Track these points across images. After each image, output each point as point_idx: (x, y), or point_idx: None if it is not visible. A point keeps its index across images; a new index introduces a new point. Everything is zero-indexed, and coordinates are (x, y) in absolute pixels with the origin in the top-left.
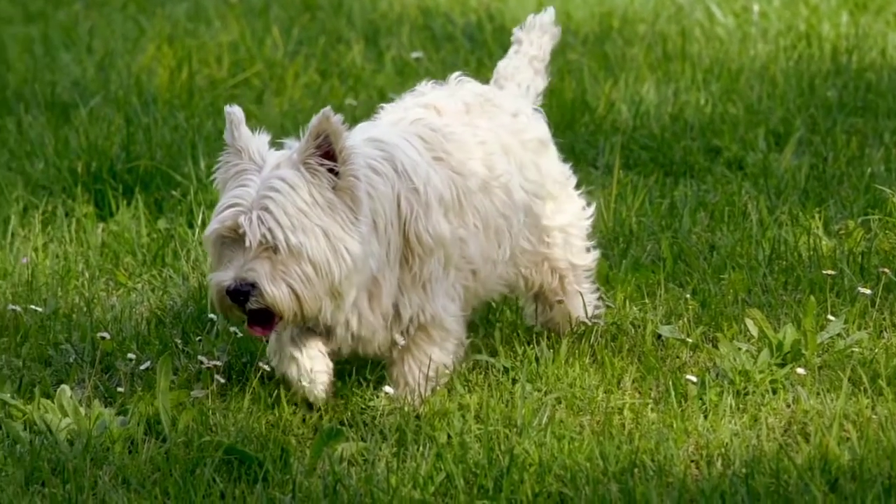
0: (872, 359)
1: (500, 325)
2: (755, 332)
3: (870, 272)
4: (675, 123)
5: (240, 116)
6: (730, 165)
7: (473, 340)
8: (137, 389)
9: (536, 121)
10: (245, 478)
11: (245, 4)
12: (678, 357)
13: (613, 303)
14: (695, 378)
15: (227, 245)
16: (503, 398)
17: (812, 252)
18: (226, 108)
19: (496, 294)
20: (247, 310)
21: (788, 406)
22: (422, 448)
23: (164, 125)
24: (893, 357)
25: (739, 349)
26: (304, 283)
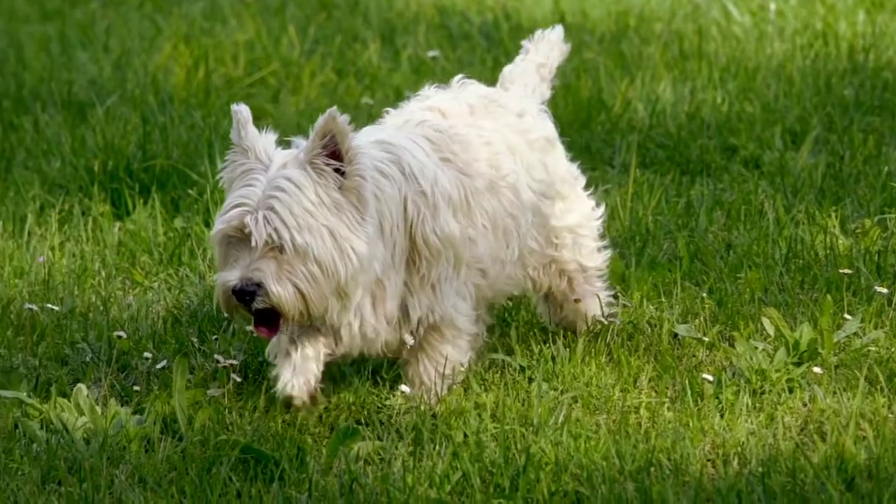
0: (889, 358)
1: (516, 324)
2: (772, 331)
3: (886, 271)
4: (692, 122)
5: (246, 115)
6: (746, 164)
7: (490, 339)
8: (154, 388)
9: (543, 120)
10: (261, 477)
11: (261, 3)
12: (694, 356)
13: (630, 301)
14: (711, 377)
15: (233, 245)
16: (519, 397)
17: (829, 251)
18: (232, 107)
19: (505, 295)
20: (252, 310)
21: (805, 405)
22: (438, 447)
23: (181, 124)
24: None
25: (756, 348)
26: (310, 283)
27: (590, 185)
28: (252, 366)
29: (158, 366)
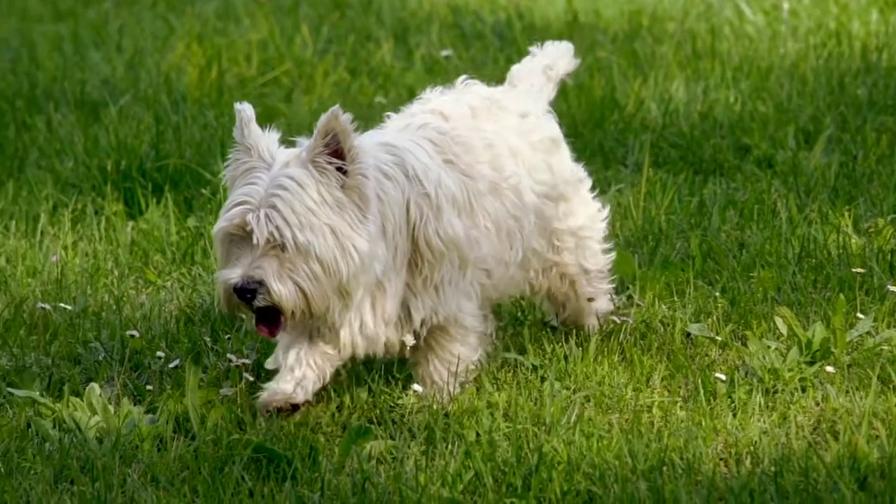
0: None
1: (529, 324)
2: (784, 331)
3: None
4: (705, 121)
5: (249, 114)
6: (759, 163)
7: (502, 338)
8: (166, 387)
9: (547, 121)
10: (274, 476)
11: (274, 3)
12: (707, 355)
13: (643, 301)
14: (724, 376)
15: (235, 243)
16: (532, 396)
17: (841, 250)
18: (236, 106)
19: (508, 296)
20: (254, 308)
21: (817, 404)
22: (450, 446)
23: (194, 123)
24: None
25: (769, 347)
26: (312, 282)
27: (603, 185)
28: (264, 365)
29: (171, 365)
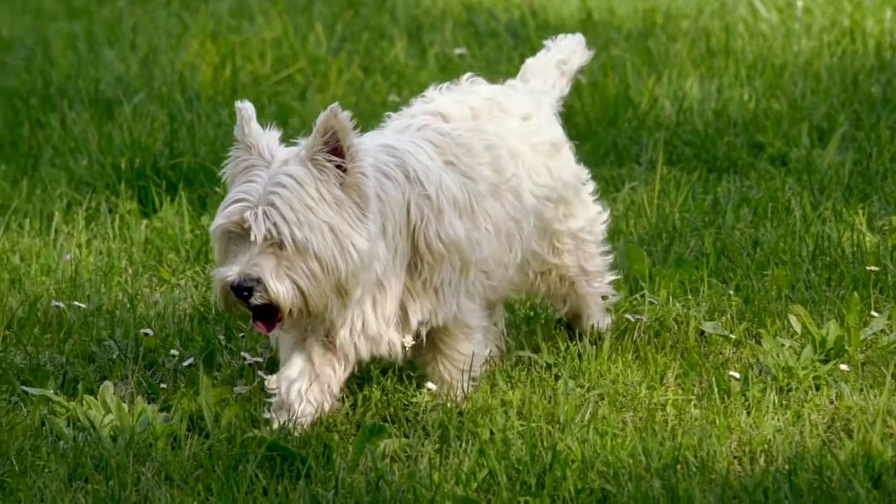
0: None
1: (542, 322)
2: (798, 329)
3: None
4: (719, 119)
5: (250, 112)
6: (773, 161)
7: (516, 336)
8: (180, 386)
9: (549, 123)
10: (288, 474)
11: (288, 1)
12: (721, 353)
13: (657, 299)
14: (738, 374)
15: (233, 240)
16: (546, 394)
17: (855, 248)
18: (236, 104)
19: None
20: (251, 305)
21: (831, 402)
22: (464, 444)
23: (208, 122)
24: None
25: (783, 345)
26: (310, 280)
27: (617, 183)
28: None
29: (185, 363)
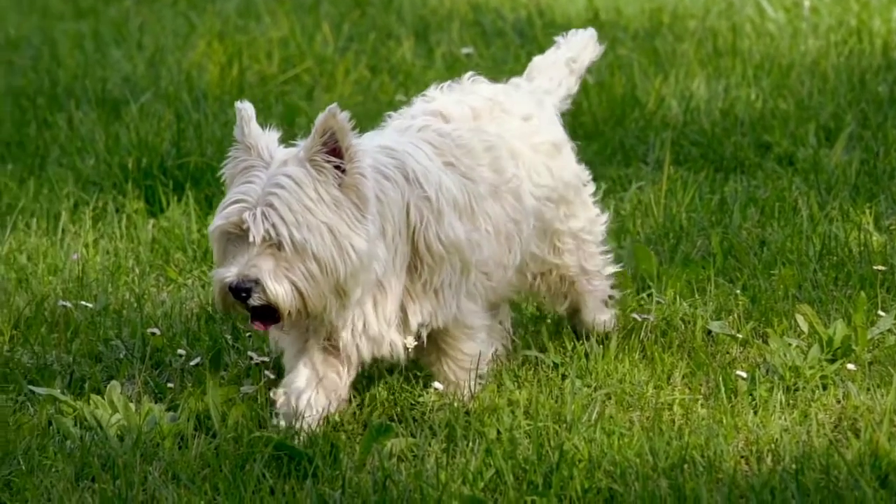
0: None
1: (549, 321)
2: (805, 328)
3: None
4: (726, 119)
5: (250, 112)
6: (780, 161)
7: (523, 336)
8: (187, 385)
9: (551, 123)
10: (295, 473)
11: (295, 0)
12: (728, 353)
13: (664, 298)
14: (745, 374)
15: (232, 241)
16: (553, 394)
17: (862, 247)
18: (237, 104)
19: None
20: (249, 306)
21: (838, 402)
22: (471, 444)
23: (215, 121)
24: None
25: (789, 345)
26: (308, 281)
27: (624, 182)
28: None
29: (192, 363)
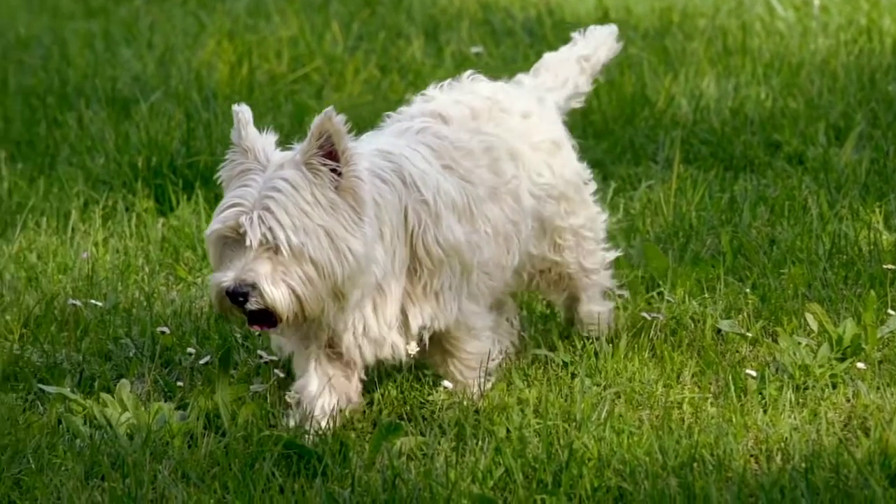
0: None
1: (558, 320)
2: (815, 327)
3: None
4: (736, 118)
5: (247, 116)
6: (790, 160)
7: (532, 334)
8: (197, 384)
9: (551, 121)
10: (304, 472)
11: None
12: (738, 351)
13: (673, 297)
14: (754, 372)
15: (229, 245)
16: (562, 393)
17: (872, 246)
18: (233, 107)
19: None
20: (247, 311)
21: (848, 400)
22: (481, 442)
23: (224, 120)
24: None
25: (799, 344)
26: (306, 284)
27: (633, 181)
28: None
29: (202, 361)
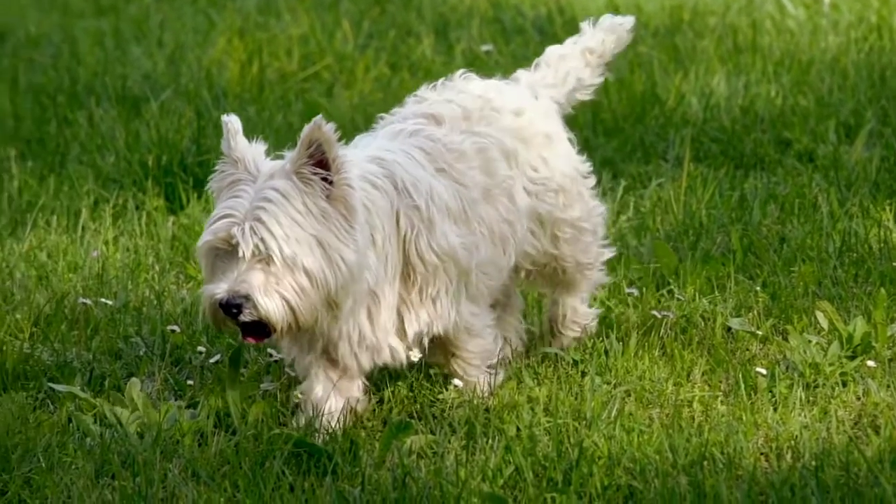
0: None
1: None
2: (825, 325)
3: None
4: (746, 116)
5: (237, 126)
6: (800, 158)
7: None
8: (207, 382)
9: (545, 116)
10: (314, 470)
11: None
12: (748, 349)
13: (683, 295)
14: (764, 371)
15: (221, 256)
16: (572, 391)
17: (883, 244)
18: (223, 118)
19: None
20: (240, 322)
21: (858, 399)
22: (491, 441)
23: None
24: None
25: (809, 342)
26: (299, 295)
27: (643, 179)
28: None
29: (212, 360)
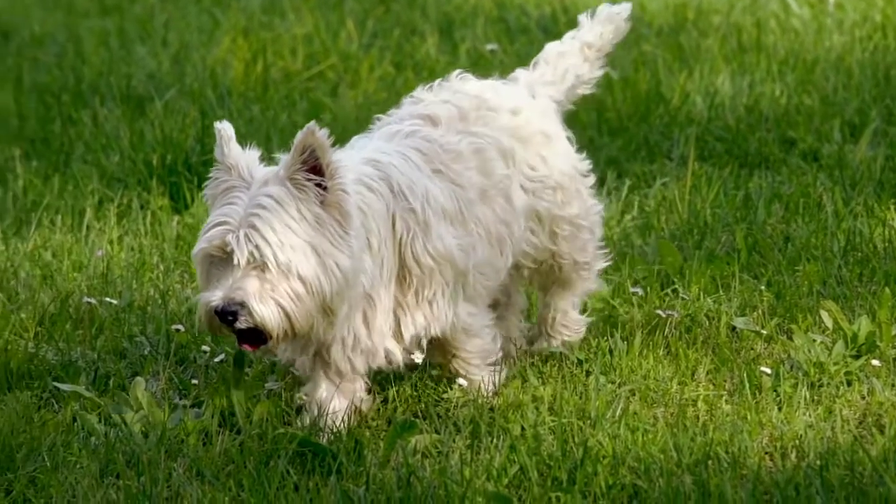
0: None
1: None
2: (830, 324)
3: None
4: (750, 115)
5: (230, 133)
6: (805, 157)
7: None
8: (212, 382)
9: (542, 115)
10: (319, 470)
11: None
12: (752, 349)
13: (688, 295)
14: (769, 370)
15: (215, 264)
16: (577, 390)
17: (887, 243)
18: (215, 125)
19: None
20: (236, 330)
21: (863, 398)
22: (495, 440)
23: (239, 118)
24: None
25: (814, 341)
26: (294, 301)
27: (648, 178)
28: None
29: (217, 359)
